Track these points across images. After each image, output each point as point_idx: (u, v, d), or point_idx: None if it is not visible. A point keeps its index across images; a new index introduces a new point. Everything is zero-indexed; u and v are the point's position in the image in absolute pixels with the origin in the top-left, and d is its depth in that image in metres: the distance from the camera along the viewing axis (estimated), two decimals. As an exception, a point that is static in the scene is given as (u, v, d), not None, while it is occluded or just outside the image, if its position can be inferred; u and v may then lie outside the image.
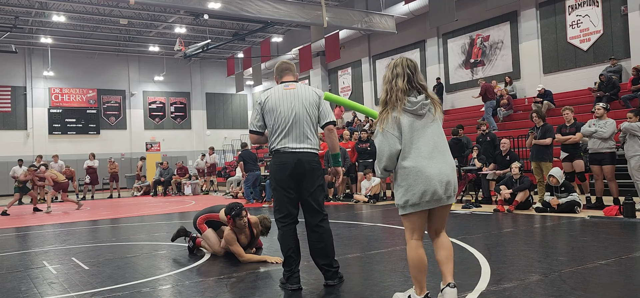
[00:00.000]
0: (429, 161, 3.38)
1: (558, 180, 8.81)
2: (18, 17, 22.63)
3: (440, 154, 3.43)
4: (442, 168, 3.40)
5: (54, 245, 7.49)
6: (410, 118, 3.42)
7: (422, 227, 3.48)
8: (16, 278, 5.14)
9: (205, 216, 5.98)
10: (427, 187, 3.34)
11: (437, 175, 3.37)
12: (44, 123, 28.14)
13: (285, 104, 4.21)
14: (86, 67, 29.42)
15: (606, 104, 10.19)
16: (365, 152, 13.67)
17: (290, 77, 4.42)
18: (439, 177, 3.37)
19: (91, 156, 20.49)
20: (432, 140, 3.43)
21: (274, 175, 4.25)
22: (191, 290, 4.34)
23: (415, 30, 21.95)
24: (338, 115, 25.17)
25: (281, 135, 4.20)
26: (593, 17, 16.21)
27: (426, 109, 3.46)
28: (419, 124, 3.43)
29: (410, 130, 3.41)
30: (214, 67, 33.13)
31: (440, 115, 3.52)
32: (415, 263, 3.41)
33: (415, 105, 3.42)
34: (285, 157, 4.17)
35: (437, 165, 3.39)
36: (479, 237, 6.59)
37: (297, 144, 4.18)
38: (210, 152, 21.68)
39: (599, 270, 4.51)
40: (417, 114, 3.43)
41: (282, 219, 4.27)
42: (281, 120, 4.20)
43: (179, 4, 17.09)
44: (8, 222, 11.73)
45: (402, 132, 3.41)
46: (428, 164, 3.38)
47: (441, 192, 3.37)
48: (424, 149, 3.40)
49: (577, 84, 16.50)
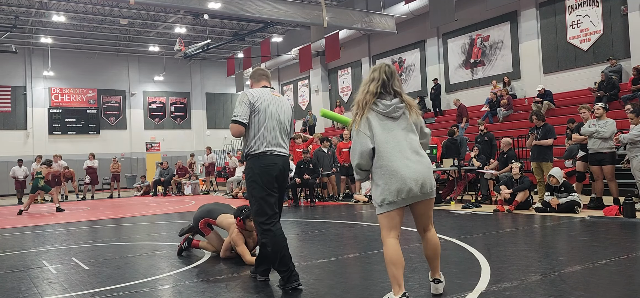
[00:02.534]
0: (403, 161, 3.50)
1: (558, 180, 8.81)
2: (18, 17, 22.63)
3: (414, 154, 3.55)
4: (417, 168, 3.51)
5: (54, 245, 7.49)
6: (383, 120, 3.56)
7: (399, 225, 3.56)
8: (16, 278, 5.15)
9: (206, 220, 5.95)
10: (402, 186, 3.46)
11: (411, 174, 3.48)
12: (44, 123, 28.15)
13: (272, 109, 4.34)
14: (86, 67, 29.43)
15: (605, 104, 10.20)
16: None
17: (267, 84, 4.55)
18: (413, 176, 3.48)
19: (91, 156, 20.50)
20: (405, 141, 3.56)
21: (260, 177, 4.24)
22: (191, 290, 4.34)
23: (415, 30, 21.95)
24: (338, 115, 25.16)
25: (267, 137, 4.27)
26: (593, 17, 16.21)
27: (400, 112, 3.59)
28: (392, 125, 3.57)
29: (383, 131, 3.55)
30: (214, 67, 33.13)
31: (415, 118, 3.64)
32: (393, 261, 3.44)
33: (388, 108, 3.56)
34: (273, 159, 4.27)
35: (412, 165, 3.50)
36: (479, 237, 6.59)
37: (280, 148, 4.34)
38: (208, 152, 21.66)
39: (599, 270, 4.51)
40: (391, 116, 3.57)
41: (270, 220, 4.26)
42: (268, 123, 4.29)
43: (179, 4, 17.10)
44: (9, 222, 11.73)
45: (374, 132, 3.55)
46: (402, 164, 3.49)
47: (416, 190, 3.48)
48: (397, 150, 3.52)
49: (577, 84, 16.50)
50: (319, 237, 7.20)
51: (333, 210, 11.36)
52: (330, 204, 12.95)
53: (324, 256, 5.64)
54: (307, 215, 10.47)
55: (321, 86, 27.84)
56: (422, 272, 4.61)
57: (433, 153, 12.42)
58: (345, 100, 26.45)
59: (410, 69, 22.91)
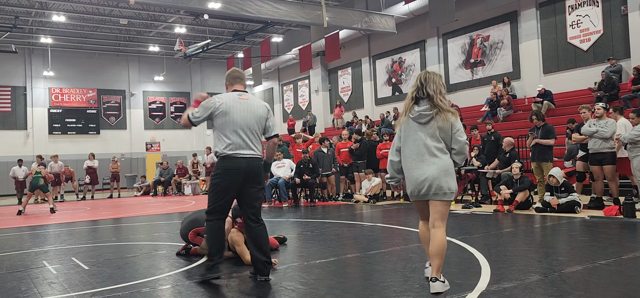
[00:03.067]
0: (417, 163, 3.94)
1: (558, 180, 8.81)
2: (18, 17, 22.63)
3: (430, 157, 3.90)
4: (427, 170, 3.89)
5: (54, 245, 7.49)
6: (412, 124, 4.00)
7: (423, 212, 4.13)
8: (16, 278, 5.14)
9: (194, 230, 5.89)
10: (413, 186, 3.99)
11: (419, 176, 3.92)
12: (44, 123, 28.15)
13: (236, 113, 4.52)
14: (86, 67, 29.43)
15: (605, 104, 10.20)
16: (353, 152, 13.77)
17: (240, 87, 4.75)
18: (421, 178, 3.91)
19: (91, 156, 20.49)
20: (424, 145, 3.93)
21: (223, 177, 4.47)
22: (191, 290, 4.34)
23: (415, 30, 21.95)
24: (338, 115, 25.19)
25: (231, 140, 4.47)
26: (593, 17, 16.22)
27: (427, 118, 3.93)
28: (417, 128, 3.97)
29: (408, 135, 4.03)
30: (214, 67, 33.14)
31: (442, 123, 3.90)
32: (421, 240, 4.26)
33: (416, 114, 3.98)
34: (236, 162, 4.46)
35: (424, 167, 3.91)
36: (479, 237, 6.59)
37: (246, 151, 4.50)
38: (208, 152, 21.63)
39: (599, 270, 4.51)
40: (418, 121, 3.97)
41: (218, 216, 4.55)
42: (231, 126, 4.48)
43: (179, 4, 17.10)
44: (9, 222, 11.73)
45: (402, 135, 4.09)
46: (415, 166, 3.96)
47: (425, 190, 3.91)
48: (415, 152, 3.96)
49: (577, 84, 16.50)
50: (319, 237, 7.20)
51: (333, 210, 11.36)
52: (330, 204, 12.95)
53: (324, 256, 5.63)
54: (307, 215, 10.47)
55: (321, 86, 27.84)
56: (421, 272, 4.61)
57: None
58: (345, 100, 26.45)
59: (410, 69, 22.91)
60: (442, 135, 3.90)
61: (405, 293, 3.94)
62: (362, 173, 13.61)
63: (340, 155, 13.99)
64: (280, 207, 12.47)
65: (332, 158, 13.79)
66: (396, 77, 23.70)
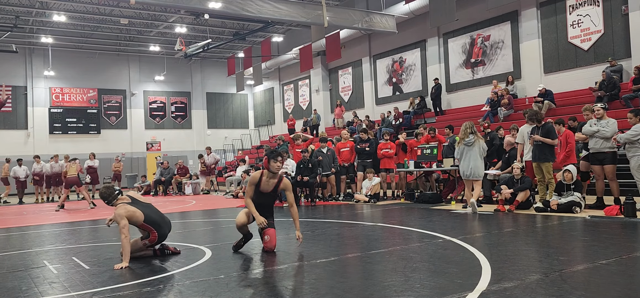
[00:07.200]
0: (466, 162, 9.52)
1: (573, 177, 8.80)
2: (19, 17, 22.64)
3: (472, 160, 9.48)
4: (469, 164, 9.48)
5: (55, 245, 7.50)
6: (465, 145, 9.55)
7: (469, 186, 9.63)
8: (17, 278, 5.15)
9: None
10: (463, 171, 9.56)
11: (465, 168, 9.55)
12: (45, 123, 28.18)
13: None
14: (87, 67, 29.45)
15: (605, 104, 10.19)
16: (364, 152, 13.66)
17: None
18: (468, 167, 9.49)
19: (91, 156, 20.50)
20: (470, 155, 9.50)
21: None
22: (191, 290, 4.33)
23: (416, 30, 21.95)
24: (339, 114, 25.19)
25: None
26: (594, 17, 16.21)
27: (472, 142, 9.48)
28: (468, 149, 9.53)
29: (463, 151, 9.61)
30: (215, 66, 33.15)
31: (479, 144, 9.53)
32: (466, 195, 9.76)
33: (467, 143, 9.49)
34: None
35: (466, 163, 9.53)
36: (479, 237, 6.59)
37: None
38: (208, 152, 21.64)
39: (600, 270, 4.50)
40: (467, 144, 9.48)
41: None
42: None
43: (180, 3, 17.10)
44: (10, 221, 11.74)
45: (459, 150, 9.70)
46: (464, 165, 9.56)
47: (467, 174, 9.53)
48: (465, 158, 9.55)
49: (578, 83, 16.50)
50: (320, 237, 7.20)
51: (333, 210, 11.36)
52: (331, 204, 12.95)
53: (325, 256, 5.64)
54: (308, 214, 10.47)
55: (322, 86, 27.85)
56: (422, 272, 4.61)
57: (434, 152, 12.43)
58: (345, 100, 26.45)
59: (411, 69, 22.91)
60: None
61: (406, 293, 3.94)
62: (360, 173, 13.61)
63: (341, 155, 13.97)
64: (280, 206, 12.47)
65: (331, 158, 13.77)
66: (397, 76, 23.70)
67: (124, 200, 5.86)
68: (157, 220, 5.96)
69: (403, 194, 13.11)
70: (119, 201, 5.83)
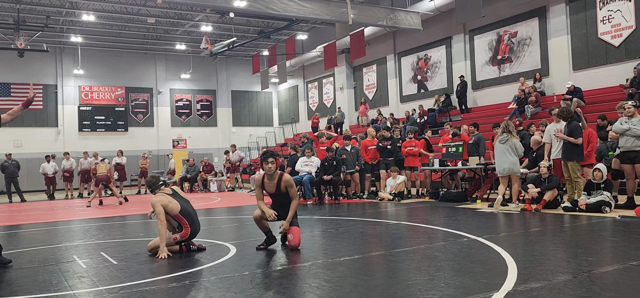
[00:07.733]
0: (501, 159, 9.83)
1: (603, 176, 8.63)
2: (49, 17, 23.15)
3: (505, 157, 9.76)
4: (503, 161, 9.79)
5: (84, 240, 7.66)
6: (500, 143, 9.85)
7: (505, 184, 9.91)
8: (48, 272, 5.28)
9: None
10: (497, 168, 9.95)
11: (500, 165, 9.86)
12: (74, 120, 28.77)
13: None
14: (115, 66, 29.97)
15: (636, 101, 9.94)
16: (385, 150, 13.60)
17: None
18: (501, 166, 9.83)
19: (119, 153, 20.87)
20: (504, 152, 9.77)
21: None
22: (216, 286, 4.38)
23: (441, 27, 21.74)
24: (363, 112, 25.11)
25: None
26: (625, 12, 15.81)
27: (505, 140, 9.77)
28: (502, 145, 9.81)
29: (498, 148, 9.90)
30: (240, 65, 33.38)
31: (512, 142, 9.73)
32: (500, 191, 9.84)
33: (500, 140, 9.87)
34: None
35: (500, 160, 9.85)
36: (505, 236, 6.51)
37: None
38: (233, 149, 21.80)
39: (630, 271, 4.40)
40: (502, 142, 9.80)
41: None
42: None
43: (206, 2, 17.25)
44: (40, 217, 12.03)
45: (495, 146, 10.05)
46: (499, 161, 9.88)
47: (500, 171, 9.86)
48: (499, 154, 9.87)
49: (608, 80, 16.12)
50: (343, 235, 7.20)
51: (357, 207, 11.34)
52: (355, 202, 12.93)
53: (348, 253, 5.63)
54: (332, 212, 10.48)
55: (346, 83, 27.81)
56: (446, 271, 4.57)
57: (459, 151, 12.30)
58: (370, 98, 26.36)
59: (436, 66, 22.71)
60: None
61: (430, 292, 3.91)
62: (383, 171, 13.56)
63: (368, 153, 13.89)
64: (304, 204, 12.49)
65: (355, 156, 13.74)
66: (421, 74, 23.51)
67: (165, 191, 6.22)
68: (192, 215, 6.22)
69: (428, 192, 13.01)
70: (161, 191, 6.20)
